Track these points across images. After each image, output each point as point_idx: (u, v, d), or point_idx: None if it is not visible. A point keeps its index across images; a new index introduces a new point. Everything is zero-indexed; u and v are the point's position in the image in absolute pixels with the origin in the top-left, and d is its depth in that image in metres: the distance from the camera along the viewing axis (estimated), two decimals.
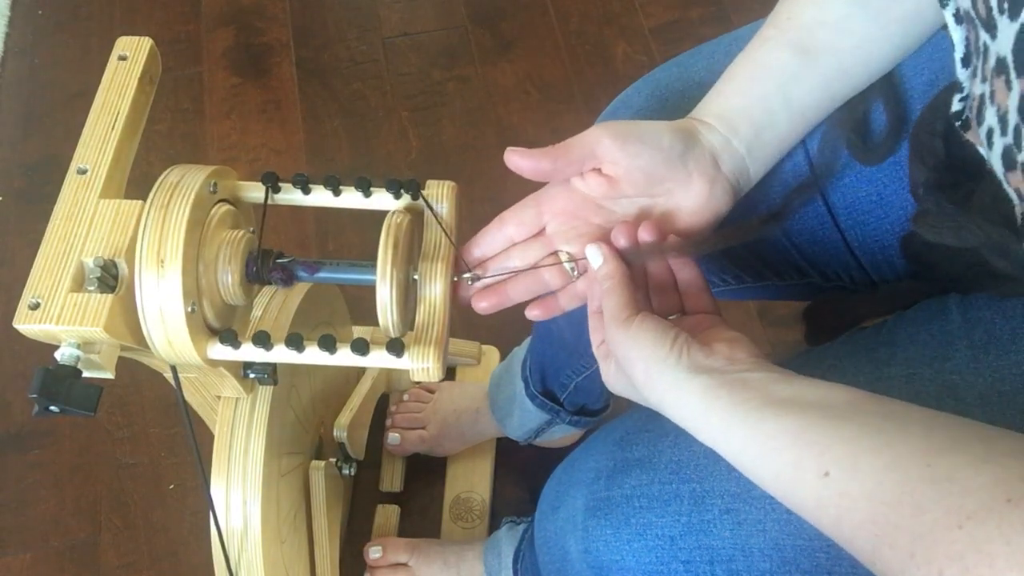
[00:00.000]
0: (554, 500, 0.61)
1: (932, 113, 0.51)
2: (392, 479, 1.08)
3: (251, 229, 0.61)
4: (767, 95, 0.53)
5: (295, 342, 0.55)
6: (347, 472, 0.95)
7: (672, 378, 0.45)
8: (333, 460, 0.93)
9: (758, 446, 0.42)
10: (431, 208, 0.58)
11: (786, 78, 0.53)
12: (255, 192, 0.59)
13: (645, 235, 0.52)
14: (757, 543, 0.50)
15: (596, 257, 0.52)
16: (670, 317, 0.53)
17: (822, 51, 0.52)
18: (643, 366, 0.46)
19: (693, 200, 0.53)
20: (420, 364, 0.56)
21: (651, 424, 0.57)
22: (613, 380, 0.51)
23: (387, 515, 1.05)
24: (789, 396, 0.43)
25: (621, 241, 0.52)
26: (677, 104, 0.62)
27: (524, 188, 0.56)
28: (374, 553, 0.98)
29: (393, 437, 1.07)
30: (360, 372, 1.07)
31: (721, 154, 0.53)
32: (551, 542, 0.61)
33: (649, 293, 0.54)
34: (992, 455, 0.36)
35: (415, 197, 0.58)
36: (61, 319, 0.53)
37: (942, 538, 0.34)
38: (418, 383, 1.13)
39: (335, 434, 0.95)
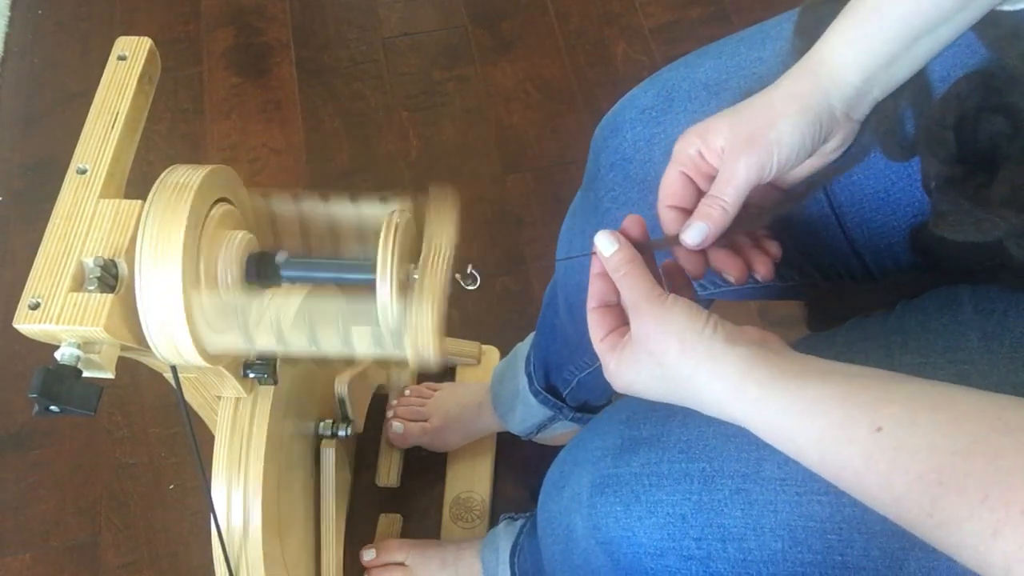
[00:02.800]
0: (559, 480, 0.61)
1: (943, 105, 0.51)
2: (389, 473, 1.08)
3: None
4: (918, 38, 0.50)
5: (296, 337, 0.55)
6: (343, 433, 0.93)
7: (708, 348, 0.45)
8: (329, 421, 0.92)
9: (799, 412, 0.41)
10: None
11: (941, 22, 0.49)
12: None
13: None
14: (768, 523, 0.50)
15: (610, 244, 0.50)
16: None
17: None
18: (678, 339, 0.46)
19: (825, 152, 0.54)
20: (418, 351, 0.55)
21: (659, 404, 0.56)
22: (621, 371, 0.49)
23: (390, 523, 1.05)
24: (831, 368, 0.43)
25: (632, 233, 0.52)
26: (683, 105, 0.62)
27: (524, 187, 0.56)
28: (368, 555, 0.98)
29: (396, 426, 1.06)
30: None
31: (853, 106, 0.52)
32: (555, 522, 0.61)
33: None
34: None
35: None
36: (61, 319, 0.53)
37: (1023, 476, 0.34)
38: (419, 383, 1.13)
39: (336, 388, 0.93)
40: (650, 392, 0.49)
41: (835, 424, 0.40)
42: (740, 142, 0.51)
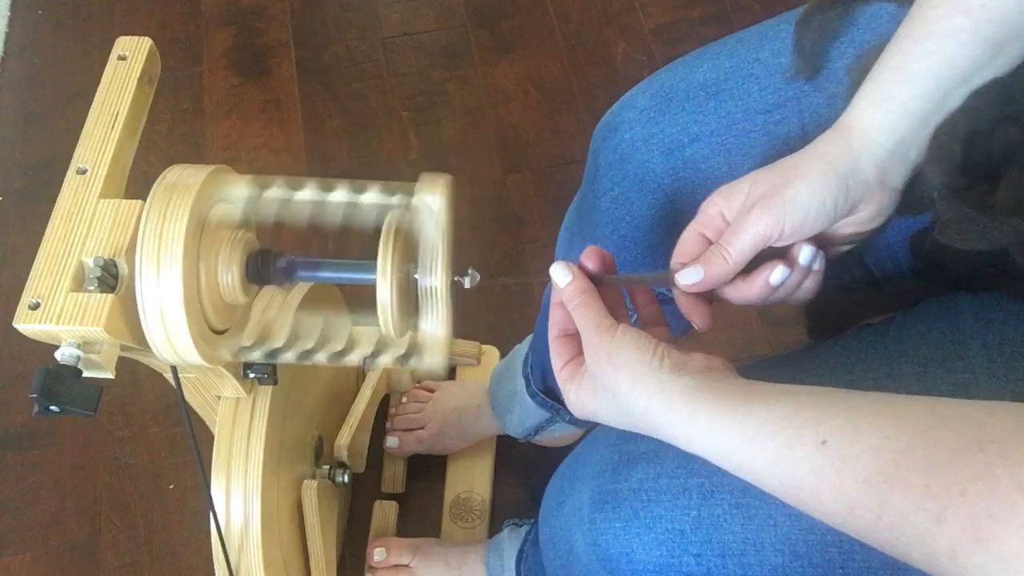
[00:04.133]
0: (559, 495, 0.61)
1: (956, 116, 0.51)
2: (394, 480, 1.08)
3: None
4: (950, 92, 0.48)
5: (296, 346, 0.55)
6: (341, 480, 0.94)
7: (656, 381, 0.45)
8: (327, 467, 0.93)
9: (749, 437, 0.42)
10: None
11: (972, 72, 0.48)
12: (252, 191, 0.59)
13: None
14: (768, 537, 0.50)
15: (564, 275, 0.51)
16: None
17: (1013, 38, 0.47)
18: (628, 372, 0.46)
19: (860, 221, 0.51)
20: (424, 361, 0.55)
21: None
22: (581, 400, 0.50)
23: (385, 512, 1.05)
24: (776, 390, 0.43)
25: (589, 265, 0.52)
26: (681, 106, 0.62)
27: (525, 188, 0.56)
28: (378, 555, 0.98)
29: (392, 441, 1.07)
30: (360, 372, 1.07)
31: (888, 170, 0.49)
32: (557, 537, 0.61)
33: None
34: (999, 405, 0.36)
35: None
36: (61, 319, 0.53)
37: (963, 463, 0.34)
38: (418, 383, 1.13)
39: (336, 453, 0.94)
40: (612, 421, 0.49)
41: (782, 447, 0.40)
42: (756, 198, 0.50)
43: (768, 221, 0.49)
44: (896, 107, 0.48)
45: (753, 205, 0.50)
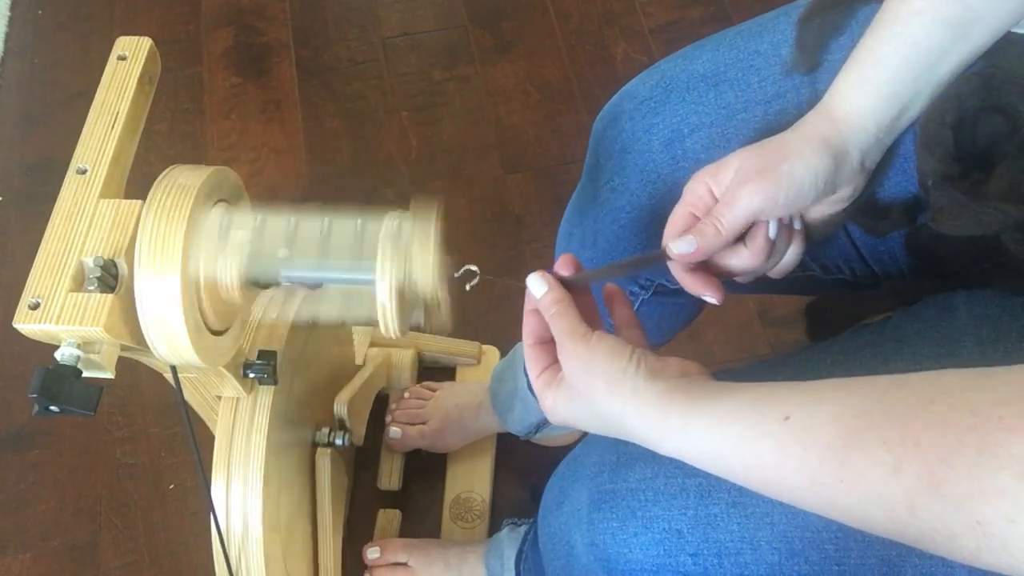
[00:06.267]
0: (558, 496, 0.62)
1: (943, 104, 0.51)
2: (390, 477, 1.08)
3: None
4: (918, 77, 0.51)
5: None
6: (341, 443, 0.93)
7: (632, 386, 0.45)
8: (326, 430, 0.92)
9: (716, 425, 0.42)
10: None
11: (938, 56, 0.50)
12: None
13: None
14: (765, 536, 0.50)
15: (540, 285, 0.51)
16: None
17: (976, 21, 0.49)
18: (604, 379, 0.46)
19: (836, 200, 0.54)
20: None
21: None
22: (557, 407, 0.50)
23: (389, 519, 1.05)
24: (745, 384, 0.44)
25: (564, 273, 0.52)
26: (681, 96, 0.62)
27: (525, 189, 0.57)
28: (372, 553, 0.98)
29: (394, 431, 1.07)
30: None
31: (869, 153, 0.52)
32: (556, 537, 0.61)
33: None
34: (947, 372, 0.37)
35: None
36: (61, 319, 0.53)
37: (916, 416, 0.35)
38: (419, 382, 1.13)
39: (335, 409, 0.93)
40: (589, 427, 0.49)
41: (749, 426, 0.41)
42: (750, 173, 0.51)
43: (765, 194, 0.50)
44: (872, 90, 0.51)
45: (748, 179, 0.51)
